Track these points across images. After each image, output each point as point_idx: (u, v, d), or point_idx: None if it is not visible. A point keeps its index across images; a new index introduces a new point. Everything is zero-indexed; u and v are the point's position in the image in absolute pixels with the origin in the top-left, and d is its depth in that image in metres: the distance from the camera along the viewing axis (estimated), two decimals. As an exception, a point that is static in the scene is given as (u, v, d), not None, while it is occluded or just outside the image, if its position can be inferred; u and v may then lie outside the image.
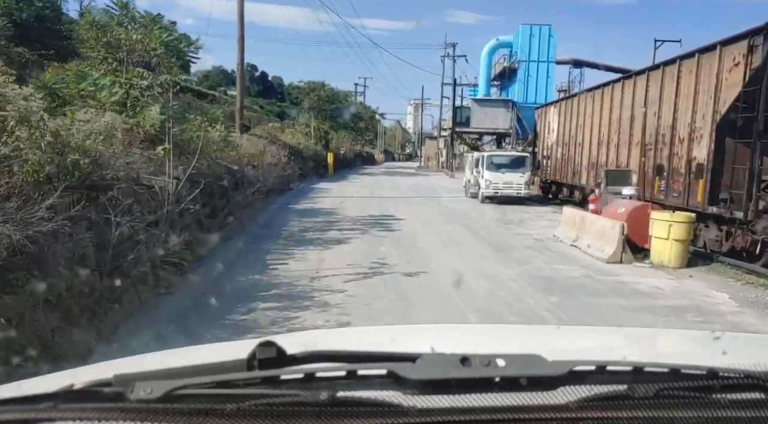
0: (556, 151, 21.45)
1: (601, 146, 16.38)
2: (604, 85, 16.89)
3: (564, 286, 8.05)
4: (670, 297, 7.72)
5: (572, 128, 19.48)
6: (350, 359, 0.86)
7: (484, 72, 45.74)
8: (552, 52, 43.27)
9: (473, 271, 8.77)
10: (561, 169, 20.76)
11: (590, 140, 17.41)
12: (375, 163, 68.27)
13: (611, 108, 15.64)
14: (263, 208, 16.24)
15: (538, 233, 13.19)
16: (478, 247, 11.22)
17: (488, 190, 20.62)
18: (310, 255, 9.81)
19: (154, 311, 6.17)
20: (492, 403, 0.80)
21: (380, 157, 76.39)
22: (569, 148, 19.75)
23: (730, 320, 6.72)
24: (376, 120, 58.74)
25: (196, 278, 7.44)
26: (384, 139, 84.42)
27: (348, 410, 0.78)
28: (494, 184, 20.61)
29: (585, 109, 18.20)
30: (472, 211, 18.22)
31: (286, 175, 23.54)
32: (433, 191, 27.50)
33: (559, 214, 15.00)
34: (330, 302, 6.83)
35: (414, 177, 42.10)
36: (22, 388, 1.01)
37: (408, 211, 16.93)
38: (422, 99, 66.89)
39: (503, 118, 43.01)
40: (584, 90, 20.08)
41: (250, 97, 69.39)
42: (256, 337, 1.04)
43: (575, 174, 18.84)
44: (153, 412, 0.76)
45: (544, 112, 24.64)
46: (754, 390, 0.84)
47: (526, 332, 1.87)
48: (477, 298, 7.28)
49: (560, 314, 6.60)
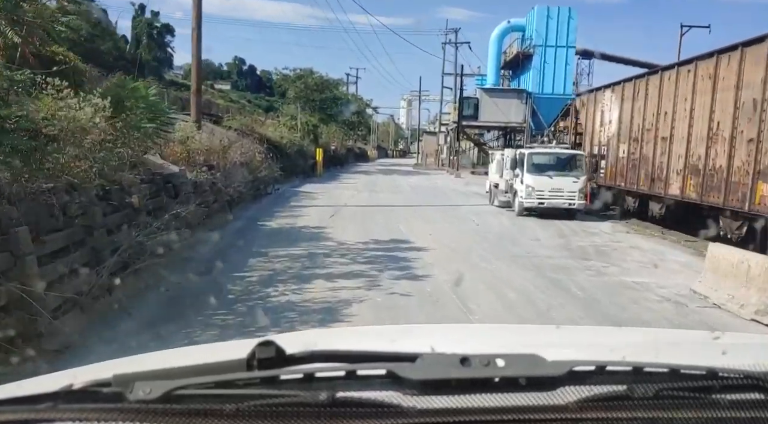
0: (617, 149, 17.48)
1: (714, 142, 12.23)
2: (707, 56, 12.83)
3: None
4: None
5: (649, 118, 15.56)
6: (350, 359, 0.86)
7: (493, 59, 40.21)
8: (572, 37, 39.14)
9: None
10: (626, 172, 16.84)
11: (687, 134, 13.39)
12: (368, 159, 65.99)
13: (730, 88, 11.61)
14: (220, 228, 12.37)
15: (655, 282, 8.82)
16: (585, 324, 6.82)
17: (530, 199, 16.17)
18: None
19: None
20: (492, 403, 0.81)
21: (373, 154, 74.37)
22: (644, 145, 15.75)
23: None
24: (368, 114, 52.70)
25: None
26: (377, 134, 78.26)
27: (347, 411, 0.78)
28: (538, 192, 16.12)
29: (675, 91, 14.14)
30: (516, 231, 14.02)
31: (262, 177, 19.70)
32: (445, 196, 23.56)
33: (643, 237, 12.89)
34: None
35: (414, 176, 38.67)
36: (22, 388, 1.01)
37: (427, 232, 12.81)
38: (420, 90, 60.47)
39: (516, 110, 37.70)
40: (671, 64, 15.69)
41: (238, 91, 69.09)
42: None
43: (656, 180, 14.95)
44: (152, 412, 0.76)
45: (592, 99, 20.36)
46: (754, 391, 0.84)
47: (525, 332, 1.84)
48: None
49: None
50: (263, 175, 19.08)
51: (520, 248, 11.22)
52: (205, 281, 7.47)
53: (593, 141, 18.98)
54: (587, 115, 19.69)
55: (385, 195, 22.51)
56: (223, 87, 63.45)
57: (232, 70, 78.19)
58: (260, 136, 22.95)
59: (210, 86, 51.81)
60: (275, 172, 20.12)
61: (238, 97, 56.24)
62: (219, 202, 13.33)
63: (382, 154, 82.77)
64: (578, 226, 14.56)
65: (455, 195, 23.48)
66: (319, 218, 14.47)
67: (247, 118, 29.67)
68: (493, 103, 38.53)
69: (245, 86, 72.28)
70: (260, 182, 19.40)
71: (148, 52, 50.74)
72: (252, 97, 62.18)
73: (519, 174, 16.10)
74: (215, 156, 14.38)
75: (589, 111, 19.61)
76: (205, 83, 61.93)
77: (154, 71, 42.85)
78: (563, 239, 12.65)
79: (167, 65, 57.00)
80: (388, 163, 59.24)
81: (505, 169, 17.76)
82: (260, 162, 18.92)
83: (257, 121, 31.21)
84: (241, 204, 15.74)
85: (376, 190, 24.50)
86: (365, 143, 71.56)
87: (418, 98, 67.07)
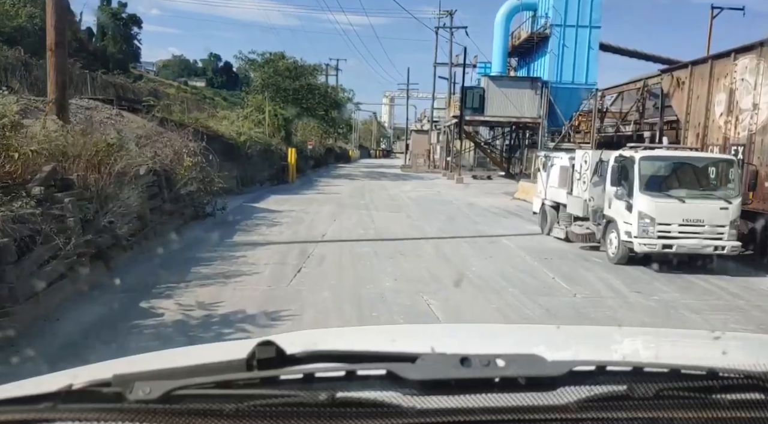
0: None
1: None
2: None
3: None
4: None
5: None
6: (350, 359, 0.89)
7: (499, 43, 33.61)
8: (596, 15, 32.98)
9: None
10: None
11: None
12: (350, 160, 62.33)
13: None
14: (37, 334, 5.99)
15: None
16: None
17: (647, 238, 9.75)
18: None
19: None
20: (491, 403, 0.83)
21: (355, 154, 71.71)
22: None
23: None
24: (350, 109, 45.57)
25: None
26: (358, 133, 71.73)
27: (347, 411, 0.81)
28: (662, 227, 9.75)
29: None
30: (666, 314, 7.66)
31: (190, 194, 13.06)
32: (465, 217, 17.28)
33: None
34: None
35: (408, 182, 32.83)
36: (22, 388, 1.04)
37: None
38: (407, 83, 53.25)
39: (530, 102, 31.63)
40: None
41: (213, 88, 68.34)
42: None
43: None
44: (152, 412, 0.79)
45: (703, 73, 13.40)
46: (754, 390, 0.87)
47: (525, 332, 1.84)
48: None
49: None
50: (192, 190, 11.52)
51: None
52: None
53: (706, 138, 11.86)
54: (690, 99, 12.74)
55: (381, 216, 15.66)
56: (198, 84, 62.50)
57: (207, 67, 76.32)
58: (205, 132, 17.54)
59: (183, 83, 51.23)
60: (214, 183, 12.59)
61: (212, 94, 55.07)
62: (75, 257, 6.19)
63: (364, 154, 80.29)
64: (743, 291, 8.85)
65: (478, 214, 17.22)
66: (271, 278, 8.74)
67: (205, 113, 25.57)
68: (503, 95, 32.04)
69: (221, 83, 71.74)
70: (191, 200, 11.92)
71: (113, 45, 47.87)
72: (227, 95, 60.88)
73: (621, 193, 10.37)
74: (84, 163, 7.05)
75: (695, 92, 12.47)
76: (178, 80, 58.74)
77: (120, 64, 40.30)
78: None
79: (135, 59, 55.41)
80: (373, 165, 55.83)
81: (577, 181, 12.24)
82: (188, 168, 11.32)
83: (214, 115, 26.47)
84: (141, 246, 8.37)
85: (368, 207, 17.43)
86: (346, 142, 64.49)
87: (405, 93, 61.36)
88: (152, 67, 66.53)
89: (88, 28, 48.30)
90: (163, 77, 60.75)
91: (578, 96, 32.00)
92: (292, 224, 14.30)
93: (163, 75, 64.51)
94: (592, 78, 32.51)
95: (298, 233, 12.84)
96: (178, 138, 14.03)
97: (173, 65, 78.71)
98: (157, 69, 69.39)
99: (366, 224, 14.78)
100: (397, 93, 74.48)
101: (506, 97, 32.60)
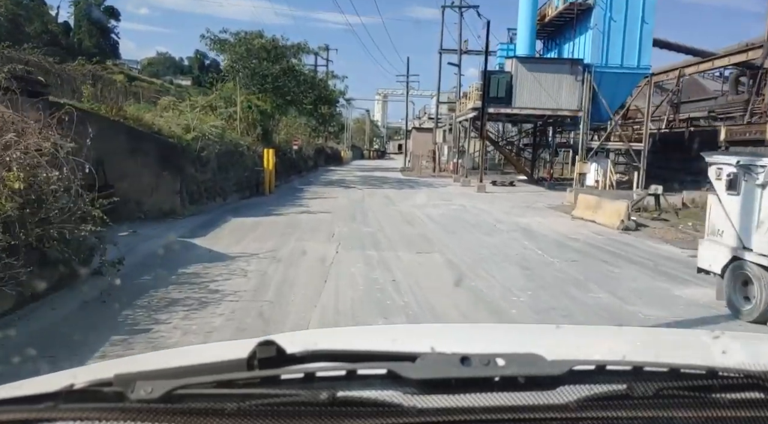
0: None
1: None
2: None
3: None
4: None
5: None
6: (350, 358, 0.89)
7: (527, 18, 27.41)
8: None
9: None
10: None
11: None
12: (342, 162, 56.27)
13: None
14: None
15: None
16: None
17: None
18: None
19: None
20: (491, 403, 0.84)
21: (347, 155, 65.02)
22: None
23: None
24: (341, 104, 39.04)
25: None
26: (350, 132, 65.63)
27: (348, 410, 0.81)
28: None
29: None
30: None
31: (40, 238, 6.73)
32: (548, 265, 10.10)
33: None
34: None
35: (417, 191, 26.05)
36: (23, 388, 1.03)
37: None
38: (407, 74, 46.89)
39: (569, 90, 25.40)
40: None
41: (200, 87, 63.52)
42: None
43: None
44: (153, 412, 0.79)
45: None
46: (754, 390, 0.87)
47: (526, 332, 1.80)
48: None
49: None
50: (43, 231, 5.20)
51: None
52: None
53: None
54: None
55: (405, 266, 10.40)
56: (183, 82, 59.74)
57: (193, 65, 73.06)
58: (136, 128, 13.43)
59: (169, 82, 48.48)
60: (96, 208, 5.92)
61: (198, 92, 50.15)
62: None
63: (356, 155, 78.16)
64: None
65: (558, 255, 12.50)
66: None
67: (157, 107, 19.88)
68: (535, 81, 25.92)
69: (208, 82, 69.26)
70: (41, 253, 5.55)
71: (89, 38, 44.22)
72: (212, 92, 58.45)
73: None
74: None
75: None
76: (163, 78, 54.96)
77: (95, 59, 39.01)
78: None
79: (113, 54, 51.18)
80: (368, 167, 51.20)
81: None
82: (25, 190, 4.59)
83: (166, 107, 19.81)
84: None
85: (377, 241, 11.28)
86: (338, 142, 58.18)
87: (400, 89, 54.14)
88: (136, 65, 64.73)
89: (65, 22, 47.34)
90: (147, 75, 60.04)
91: (627, 82, 25.72)
92: (243, 296, 7.36)
93: (147, 72, 63.23)
94: (645, 60, 26.71)
95: (245, 333, 5.79)
96: (36, 132, 7.38)
97: (159, 63, 76.99)
98: (142, 67, 68.95)
99: (383, 289, 8.05)
100: (391, 90, 68.65)
101: (539, 84, 26.71)
